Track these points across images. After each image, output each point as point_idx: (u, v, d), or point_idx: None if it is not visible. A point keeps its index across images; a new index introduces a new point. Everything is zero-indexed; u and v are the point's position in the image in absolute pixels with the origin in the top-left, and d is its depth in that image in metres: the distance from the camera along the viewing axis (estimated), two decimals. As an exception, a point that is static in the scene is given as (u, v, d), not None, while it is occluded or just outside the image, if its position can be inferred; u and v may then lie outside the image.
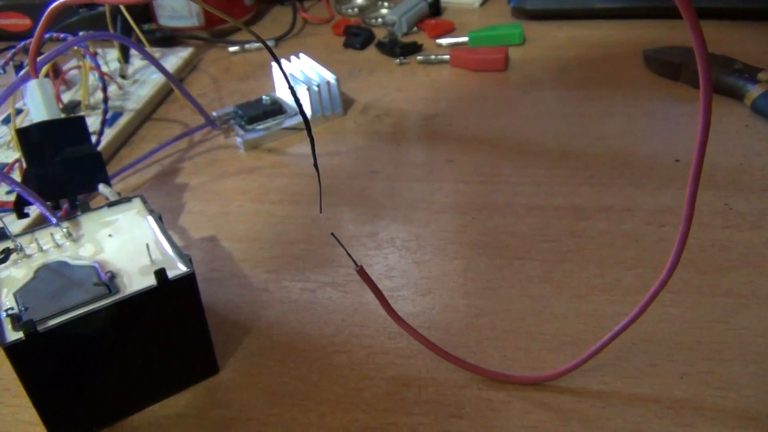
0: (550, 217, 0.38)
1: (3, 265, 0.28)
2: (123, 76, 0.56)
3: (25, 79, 0.33)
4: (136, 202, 0.32)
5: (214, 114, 0.50)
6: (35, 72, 0.32)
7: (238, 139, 0.47)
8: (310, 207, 0.41)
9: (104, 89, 0.40)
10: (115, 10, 0.55)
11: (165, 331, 0.28)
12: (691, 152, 0.41)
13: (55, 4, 0.29)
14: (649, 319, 0.30)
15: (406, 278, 0.35)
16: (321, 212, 0.39)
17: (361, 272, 0.29)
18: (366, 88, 0.54)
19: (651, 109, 0.47)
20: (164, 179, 0.45)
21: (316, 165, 0.28)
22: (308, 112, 0.49)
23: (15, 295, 0.26)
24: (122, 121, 0.50)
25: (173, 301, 0.27)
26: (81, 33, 0.51)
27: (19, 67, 0.47)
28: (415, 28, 0.63)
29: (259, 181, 0.44)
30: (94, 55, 0.43)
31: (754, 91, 0.44)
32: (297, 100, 0.27)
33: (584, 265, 0.34)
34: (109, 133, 0.48)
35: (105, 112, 0.41)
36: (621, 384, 0.28)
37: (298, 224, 0.39)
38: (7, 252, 0.28)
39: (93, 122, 0.50)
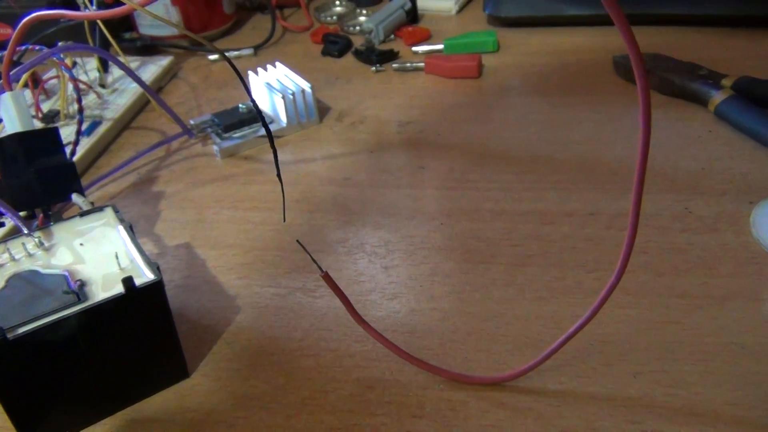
0: (516, 221, 0.39)
1: (-25, 274, 0.29)
2: (102, 86, 0.57)
3: (-1, 91, 0.34)
4: (108, 212, 0.33)
5: (192, 122, 0.50)
6: (8, 84, 0.33)
7: (215, 147, 0.48)
8: (282, 215, 0.41)
9: (79, 100, 0.41)
10: (93, 21, 0.55)
11: (134, 337, 0.28)
12: (655, 158, 0.42)
13: (27, 18, 0.30)
14: (606, 320, 0.31)
15: (374, 283, 0.35)
16: (285, 221, 0.40)
17: (327, 278, 0.30)
18: (342, 96, 0.55)
19: (618, 115, 0.48)
20: (141, 187, 0.46)
21: (279, 176, 0.29)
22: (284, 119, 0.50)
23: (-14, 303, 0.27)
24: (100, 130, 0.51)
25: (141, 308, 0.28)
26: (60, 43, 0.52)
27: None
28: (393, 36, 0.64)
29: (235, 189, 0.44)
30: (71, 66, 0.44)
31: (717, 97, 0.45)
32: (259, 112, 0.28)
33: (546, 269, 0.35)
34: (87, 142, 0.49)
35: (80, 122, 0.41)
36: (576, 383, 0.29)
37: (271, 231, 0.40)
38: (-20, 262, 0.29)
39: (71, 131, 0.50)
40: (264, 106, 0.52)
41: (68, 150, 0.40)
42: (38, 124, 0.51)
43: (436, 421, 0.28)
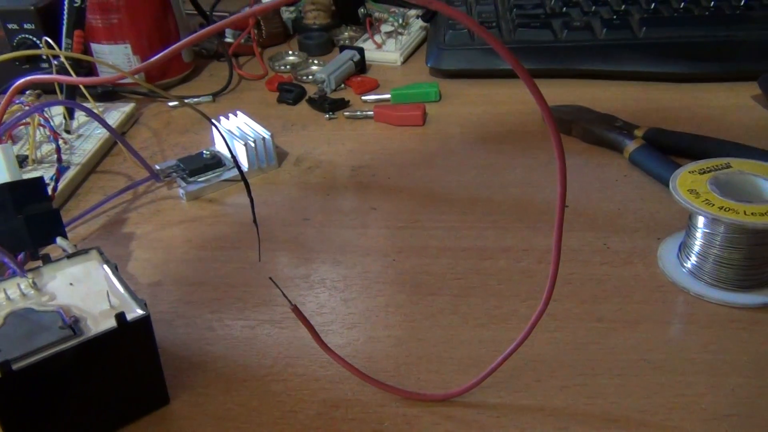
0: (459, 257, 0.44)
1: (-26, 313, 0.31)
2: (68, 131, 0.59)
3: (-11, 144, 0.37)
4: (93, 254, 0.36)
5: (157, 167, 0.54)
6: (-1, 138, 0.36)
7: (180, 191, 0.52)
8: (248, 252, 0.45)
9: (58, 150, 0.44)
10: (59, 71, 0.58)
11: (123, 367, 0.32)
12: (578, 199, 0.48)
13: (22, 81, 0.34)
14: (537, 343, 0.36)
15: (335, 314, 0.40)
16: (260, 260, 0.43)
17: (296, 310, 0.34)
18: (298, 142, 0.59)
19: (546, 161, 0.54)
20: (111, 229, 0.49)
21: (255, 221, 0.33)
22: (245, 165, 0.54)
23: (-12, 339, 0.30)
24: (69, 175, 0.53)
25: (131, 340, 0.31)
26: (28, 92, 0.55)
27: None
28: (343, 85, 0.69)
29: (201, 230, 0.48)
30: (47, 119, 0.47)
31: (630, 146, 0.52)
32: (239, 167, 0.32)
33: (486, 299, 0.40)
34: (58, 188, 0.52)
35: (59, 171, 0.44)
36: (512, 397, 0.34)
37: (239, 268, 0.44)
38: (-22, 301, 0.32)
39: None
40: (226, 151, 0.56)
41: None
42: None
43: (394, 433, 0.32)
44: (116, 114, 0.63)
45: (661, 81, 0.64)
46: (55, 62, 0.57)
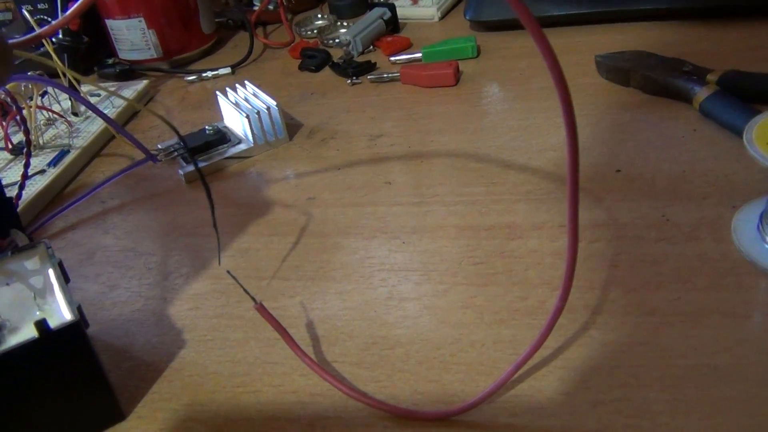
0: (482, 237, 0.36)
1: None
2: (75, 114, 0.56)
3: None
4: (41, 248, 0.31)
5: (159, 147, 0.49)
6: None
7: (180, 172, 0.47)
8: (241, 240, 0.40)
9: (26, 132, 0.40)
10: (63, 52, 0.55)
11: (56, 382, 0.27)
12: (634, 162, 0.40)
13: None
14: (567, 343, 0.29)
15: (327, 310, 0.33)
16: (219, 264, 0.38)
17: (261, 309, 0.28)
18: (315, 111, 0.53)
19: (597, 118, 0.45)
20: (104, 217, 0.45)
21: (215, 225, 0.27)
22: (250, 139, 0.48)
23: None
24: (68, 160, 0.50)
25: (60, 351, 0.26)
26: (30, 74, 0.52)
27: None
28: (372, 47, 0.62)
29: (195, 214, 0.43)
30: (41, 95, 0.43)
31: (701, 94, 0.42)
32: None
33: (509, 288, 0.33)
34: (53, 173, 0.48)
35: (28, 155, 0.40)
36: (531, 416, 0.26)
37: (226, 257, 0.38)
38: None
39: (40, 162, 0.50)
40: (236, 126, 0.51)
41: (17, 186, 0.39)
42: (7, 156, 0.50)
43: (377, 462, 0.26)
44: (128, 93, 0.59)
45: (741, 16, 0.53)
46: (52, 39, 0.53)
